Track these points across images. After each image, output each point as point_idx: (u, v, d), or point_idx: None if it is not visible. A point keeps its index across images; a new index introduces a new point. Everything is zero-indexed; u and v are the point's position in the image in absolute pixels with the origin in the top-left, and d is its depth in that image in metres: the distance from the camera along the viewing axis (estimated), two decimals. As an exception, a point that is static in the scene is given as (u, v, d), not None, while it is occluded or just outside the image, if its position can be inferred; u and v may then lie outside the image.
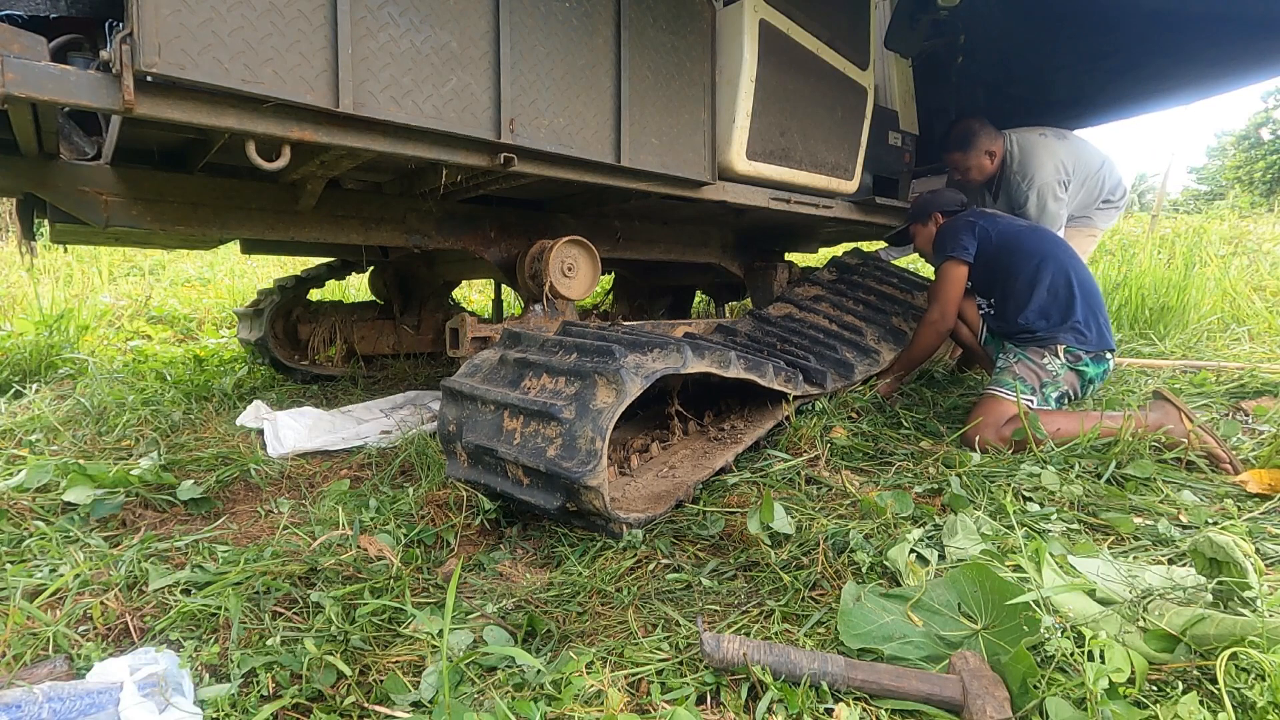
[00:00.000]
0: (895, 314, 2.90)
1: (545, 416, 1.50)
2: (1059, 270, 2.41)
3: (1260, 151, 21.24)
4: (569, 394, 1.52)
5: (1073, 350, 2.34)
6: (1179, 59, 3.40)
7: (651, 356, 1.63)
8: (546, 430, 1.50)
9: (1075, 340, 2.34)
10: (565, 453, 1.44)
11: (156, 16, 1.22)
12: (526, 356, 1.69)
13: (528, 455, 1.49)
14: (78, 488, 1.74)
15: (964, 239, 2.54)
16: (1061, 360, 2.34)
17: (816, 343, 2.64)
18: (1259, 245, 6.91)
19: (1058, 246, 2.52)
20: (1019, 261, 2.47)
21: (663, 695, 1.01)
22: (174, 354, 4.07)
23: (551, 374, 1.61)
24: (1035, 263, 2.44)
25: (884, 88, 3.40)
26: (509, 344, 1.85)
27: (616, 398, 1.46)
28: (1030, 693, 0.93)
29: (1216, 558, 1.14)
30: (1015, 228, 2.58)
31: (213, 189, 2.05)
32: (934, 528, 1.51)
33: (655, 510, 1.63)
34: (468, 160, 1.76)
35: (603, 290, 5.29)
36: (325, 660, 1.08)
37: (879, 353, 2.65)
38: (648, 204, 2.63)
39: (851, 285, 3.14)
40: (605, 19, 1.93)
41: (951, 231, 2.61)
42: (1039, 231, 2.60)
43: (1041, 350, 2.36)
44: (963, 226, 2.59)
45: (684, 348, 1.65)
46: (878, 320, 2.85)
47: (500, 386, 1.67)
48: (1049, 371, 2.33)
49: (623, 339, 1.71)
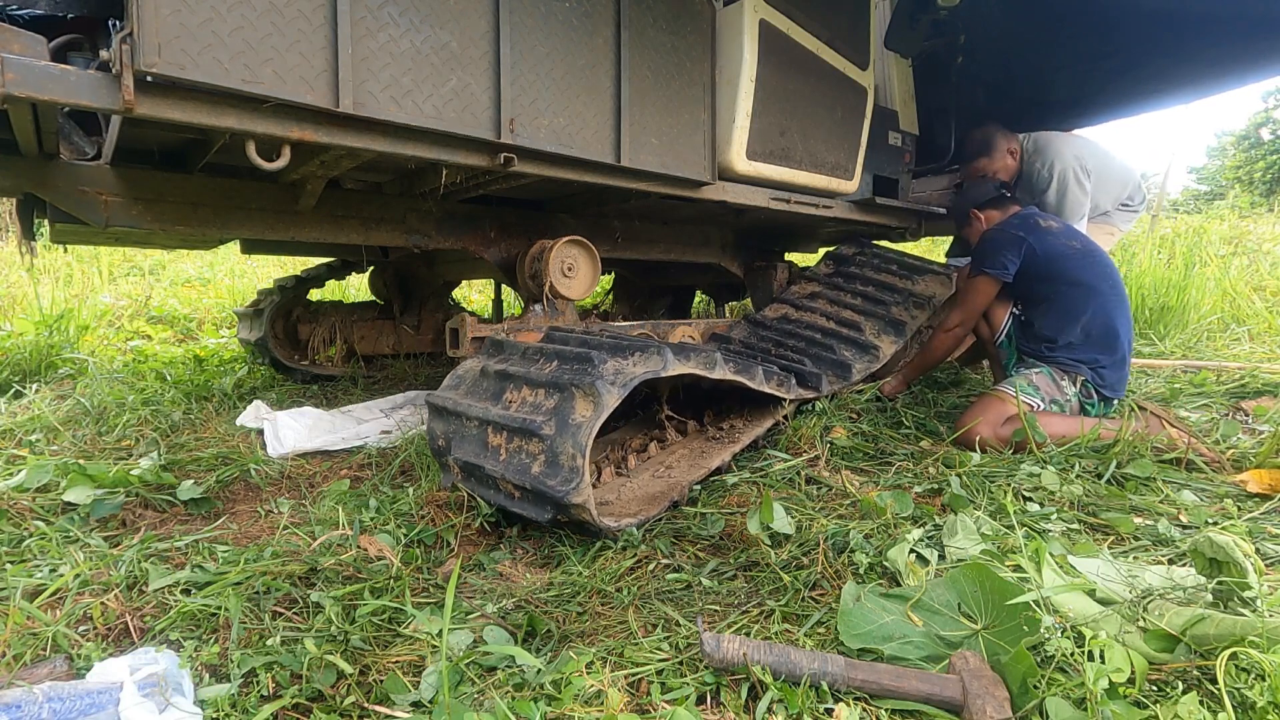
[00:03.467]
0: (895, 303, 2.83)
1: (527, 433, 1.50)
2: (1100, 310, 2.36)
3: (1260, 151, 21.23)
4: (549, 408, 1.52)
5: (1089, 386, 2.34)
6: (1179, 58, 3.40)
7: (632, 361, 1.62)
8: (530, 446, 1.50)
9: (1096, 380, 2.33)
10: (549, 470, 1.45)
11: (156, 16, 1.22)
12: (507, 368, 1.69)
13: (513, 473, 1.50)
14: (78, 488, 1.74)
15: (1006, 256, 2.45)
16: (1077, 390, 2.34)
17: (813, 344, 2.64)
18: (1259, 245, 6.91)
19: (1106, 282, 2.40)
20: (1062, 289, 2.40)
21: (663, 695, 1.01)
22: (174, 354, 4.07)
23: (531, 386, 1.61)
24: (1079, 295, 2.37)
25: (884, 88, 3.40)
26: (491, 353, 1.84)
27: (594, 410, 1.46)
28: (1030, 693, 0.93)
29: (1216, 558, 1.14)
30: (1066, 250, 2.44)
31: (213, 189, 2.05)
32: (934, 528, 1.51)
33: (649, 511, 1.63)
34: (468, 160, 1.76)
35: (603, 290, 5.29)
36: (325, 660, 1.08)
37: (878, 348, 2.62)
38: (648, 204, 2.63)
39: (849, 277, 3.10)
40: (605, 19, 1.93)
41: (995, 245, 2.50)
42: (1091, 259, 2.44)
43: (1063, 374, 2.35)
44: (1009, 242, 2.46)
45: (664, 350, 1.65)
46: (876, 312, 2.80)
47: (483, 401, 1.67)
48: (1063, 393, 2.33)
49: (604, 344, 1.70)
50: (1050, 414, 2.24)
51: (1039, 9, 3.44)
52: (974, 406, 2.30)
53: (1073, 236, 2.50)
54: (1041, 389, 2.32)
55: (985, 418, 2.19)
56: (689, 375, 1.76)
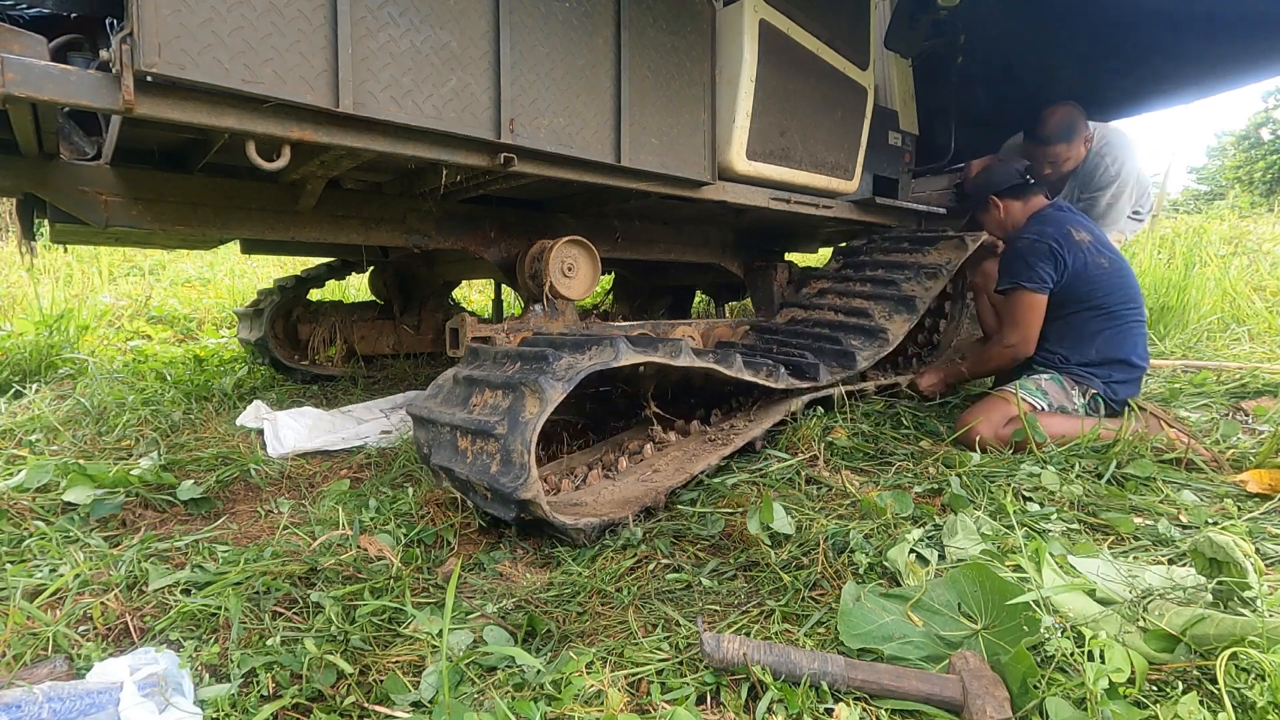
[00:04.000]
0: (904, 279, 2.73)
1: (485, 434, 1.53)
2: (1117, 333, 2.33)
3: (1260, 151, 21.22)
4: (504, 408, 1.55)
5: (1100, 400, 2.32)
6: (1179, 58, 3.40)
7: (586, 356, 1.63)
8: (488, 447, 1.53)
9: (1108, 394, 2.31)
10: (504, 468, 1.47)
11: (156, 16, 1.22)
12: (474, 374, 1.71)
13: (477, 474, 1.52)
14: (78, 488, 1.74)
15: (1043, 269, 2.36)
16: (1086, 401, 2.32)
17: (818, 339, 2.62)
18: (1259, 245, 6.90)
19: (1127, 305, 2.35)
20: (1081, 312, 2.36)
21: (663, 695, 1.01)
22: (174, 354, 4.07)
23: (492, 389, 1.64)
24: (1097, 319, 2.34)
25: (884, 88, 3.39)
26: (468, 361, 1.86)
27: (540, 406, 1.48)
28: (1030, 693, 0.93)
29: (1216, 558, 1.14)
30: (1095, 270, 2.35)
31: (213, 189, 2.05)
32: (934, 528, 1.51)
33: (618, 514, 1.62)
34: (468, 160, 1.76)
35: (603, 290, 5.29)
36: (325, 660, 1.08)
37: (886, 330, 2.54)
38: (648, 204, 2.63)
39: (858, 266, 3.02)
40: (605, 19, 1.93)
41: (1032, 256, 2.38)
42: (1119, 279, 2.36)
43: (1074, 383, 2.33)
44: (1045, 254, 2.37)
45: (618, 342, 1.64)
46: (885, 294, 2.71)
47: (452, 407, 1.70)
48: (1072, 402, 2.31)
49: (567, 342, 1.71)
50: (1051, 414, 2.23)
51: (1039, 9, 3.45)
52: (976, 406, 2.29)
53: (1102, 251, 2.41)
54: (1049, 394, 2.30)
55: (987, 417, 2.18)
56: (698, 373, 1.75)
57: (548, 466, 1.96)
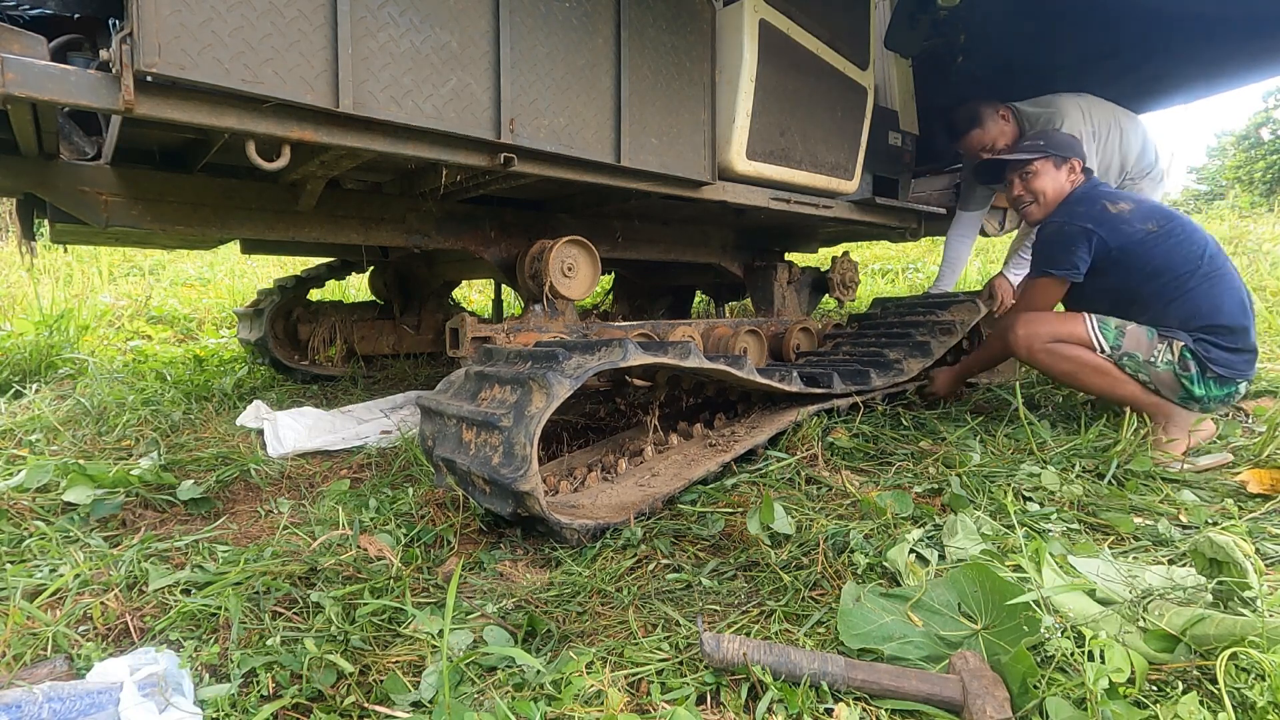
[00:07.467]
0: (919, 332, 2.78)
1: (489, 426, 1.53)
2: (1193, 295, 2.07)
3: (1260, 151, 21.20)
4: (511, 402, 1.55)
5: (1190, 357, 2.04)
6: (1179, 58, 3.40)
7: (595, 355, 1.63)
8: (492, 439, 1.53)
9: (1202, 353, 2.03)
10: (505, 459, 1.47)
11: (157, 16, 1.22)
12: (485, 370, 1.72)
13: (478, 465, 1.52)
14: (78, 488, 1.74)
15: (1078, 255, 2.17)
16: (1175, 358, 2.05)
17: (835, 364, 2.62)
18: (1259, 245, 6.90)
19: (1192, 262, 2.11)
20: (1152, 282, 2.13)
21: (663, 695, 1.01)
22: (174, 354, 4.07)
23: (500, 384, 1.64)
24: (1163, 286, 2.11)
25: (884, 88, 3.40)
26: (481, 359, 1.87)
27: (546, 401, 1.48)
28: (1030, 693, 0.93)
29: (1216, 558, 1.14)
30: (1142, 237, 2.13)
31: (213, 189, 2.05)
32: (934, 528, 1.51)
33: (612, 519, 1.62)
34: (468, 160, 1.76)
35: (603, 290, 5.29)
36: (325, 660, 1.08)
37: (902, 364, 2.58)
38: (648, 204, 2.63)
39: (872, 328, 3.08)
40: (605, 19, 1.93)
41: (1063, 241, 2.21)
42: (1172, 240, 2.13)
43: (1163, 338, 2.08)
44: (1077, 237, 2.18)
45: (626, 344, 1.65)
46: (900, 342, 2.76)
47: (460, 400, 1.71)
48: (1154, 354, 2.07)
49: (578, 345, 1.72)
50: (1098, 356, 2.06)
51: (1039, 8, 3.45)
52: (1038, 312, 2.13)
53: (1148, 217, 2.17)
54: (1128, 338, 2.06)
55: (1041, 322, 2.00)
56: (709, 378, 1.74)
57: (547, 466, 1.96)
